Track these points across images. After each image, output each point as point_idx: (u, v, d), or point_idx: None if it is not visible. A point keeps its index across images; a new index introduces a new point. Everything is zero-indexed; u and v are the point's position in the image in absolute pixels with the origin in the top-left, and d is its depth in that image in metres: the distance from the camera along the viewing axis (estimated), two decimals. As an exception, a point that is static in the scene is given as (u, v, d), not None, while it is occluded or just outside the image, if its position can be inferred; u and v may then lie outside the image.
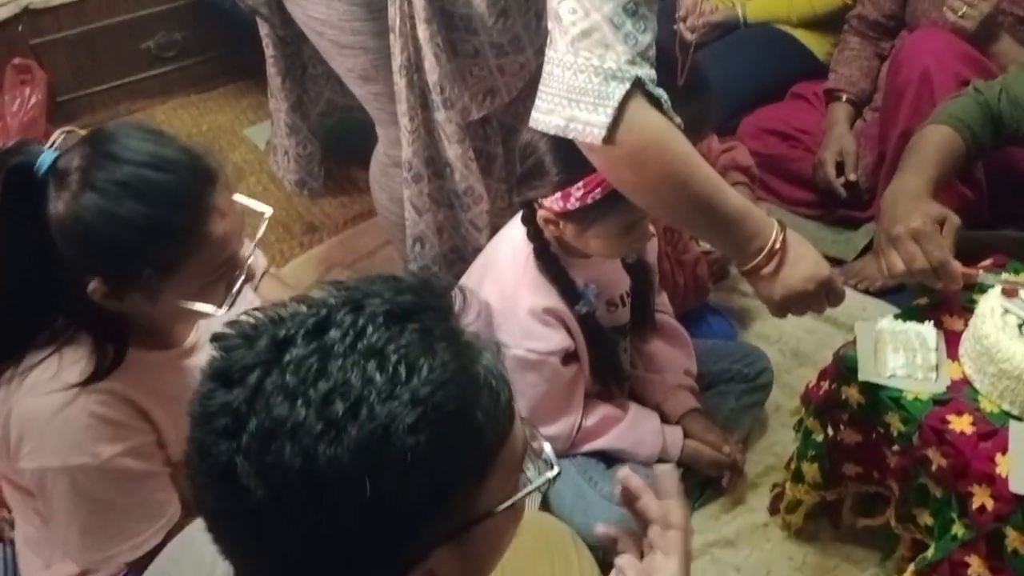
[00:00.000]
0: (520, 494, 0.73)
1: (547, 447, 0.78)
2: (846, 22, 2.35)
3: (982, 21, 1.93)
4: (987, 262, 1.54)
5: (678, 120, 1.18)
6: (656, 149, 1.15)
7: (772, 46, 2.48)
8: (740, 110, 2.42)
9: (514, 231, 1.54)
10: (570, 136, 1.14)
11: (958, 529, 1.31)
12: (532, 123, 1.17)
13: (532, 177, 1.44)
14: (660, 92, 1.14)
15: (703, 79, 1.57)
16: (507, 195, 1.69)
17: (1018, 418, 1.29)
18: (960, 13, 1.95)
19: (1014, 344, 1.28)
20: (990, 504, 1.25)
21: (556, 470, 0.77)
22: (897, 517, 1.44)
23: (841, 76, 2.29)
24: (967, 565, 1.30)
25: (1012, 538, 1.24)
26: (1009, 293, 1.34)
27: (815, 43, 2.48)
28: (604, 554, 1.43)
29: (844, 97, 2.27)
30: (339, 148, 2.32)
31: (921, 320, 1.41)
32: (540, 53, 1.20)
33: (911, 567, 1.40)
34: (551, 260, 1.53)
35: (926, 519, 1.38)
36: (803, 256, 1.28)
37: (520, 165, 1.47)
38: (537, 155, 1.41)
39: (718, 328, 1.99)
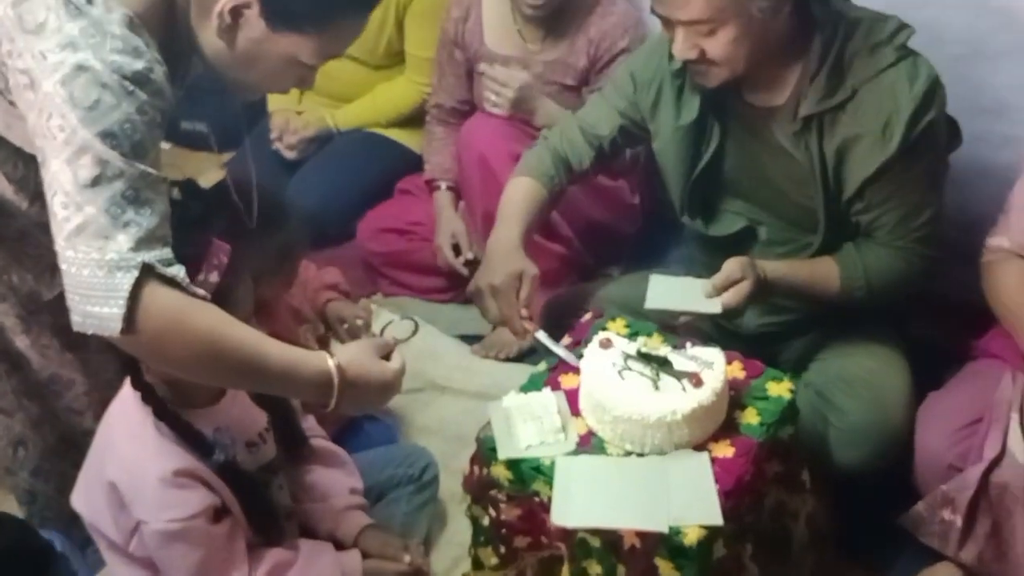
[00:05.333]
0: None
1: None
2: (427, 113, 2.49)
3: (514, 103, 2.14)
4: (587, 316, 1.67)
5: (201, 292, 1.17)
6: (176, 331, 1.13)
7: (370, 149, 2.57)
8: (353, 215, 2.48)
9: (122, 404, 1.44)
10: (90, 332, 1.10)
11: (621, 571, 1.39)
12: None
13: None
14: (175, 271, 1.13)
15: (279, 209, 1.59)
16: (111, 365, 1.57)
17: (642, 455, 1.41)
18: (493, 101, 2.15)
19: (619, 390, 1.39)
20: (638, 543, 1.34)
21: None
22: (572, 573, 1.49)
23: (435, 165, 2.42)
24: (636, 603, 1.38)
25: (663, 568, 1.33)
26: (604, 345, 1.47)
27: (408, 138, 2.61)
28: None
29: (443, 185, 2.40)
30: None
31: (540, 388, 1.50)
32: None
33: (595, 617, 1.46)
34: (173, 418, 1.44)
35: (595, 568, 1.45)
36: (366, 375, 1.30)
37: None
38: None
39: (377, 435, 1.98)
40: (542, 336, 1.58)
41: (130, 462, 1.42)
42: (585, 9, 2.21)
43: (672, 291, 1.63)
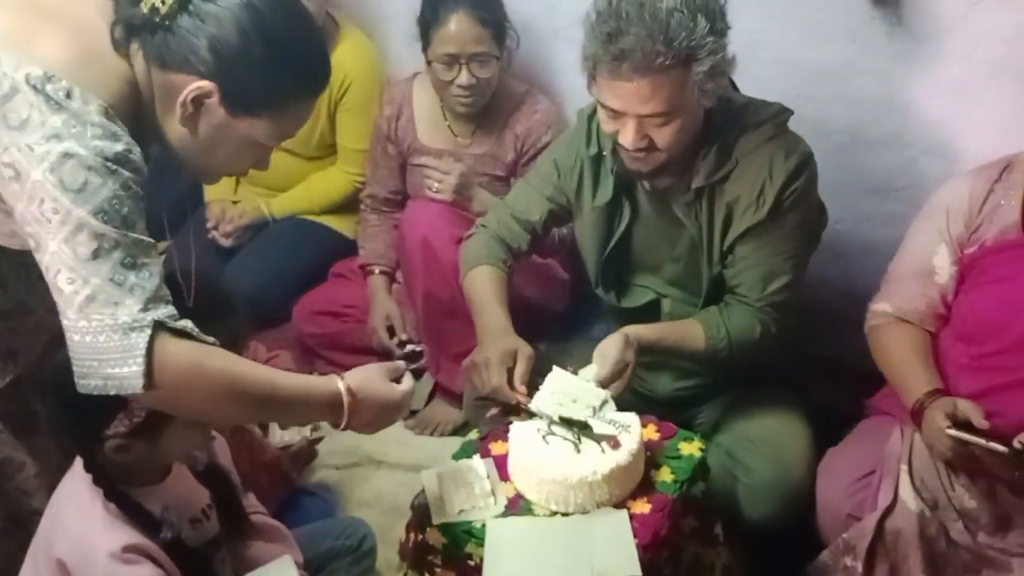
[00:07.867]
0: None
1: None
2: (361, 202, 2.62)
3: (455, 189, 2.29)
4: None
5: (211, 339, 1.25)
6: (194, 377, 1.21)
7: (304, 235, 2.68)
8: (289, 298, 2.57)
9: (71, 483, 1.49)
10: (113, 393, 1.18)
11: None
12: (80, 389, 1.19)
13: (83, 420, 1.42)
14: (184, 323, 1.22)
15: (225, 298, 1.66)
16: (59, 448, 1.62)
17: (566, 514, 1.51)
18: (435, 189, 2.30)
19: (543, 453, 1.51)
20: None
21: None
22: (506, 631, 1.58)
23: (369, 251, 2.55)
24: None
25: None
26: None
27: (342, 224, 2.73)
28: None
29: (377, 270, 2.52)
30: None
31: (471, 455, 1.60)
32: (54, 310, 1.21)
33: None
34: (123, 497, 1.50)
35: (527, 624, 1.53)
36: (374, 395, 1.39)
37: (66, 414, 1.44)
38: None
39: (315, 509, 2.05)
40: (535, 407, 1.61)
41: (80, 539, 1.47)
42: (511, 107, 2.40)
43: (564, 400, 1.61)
